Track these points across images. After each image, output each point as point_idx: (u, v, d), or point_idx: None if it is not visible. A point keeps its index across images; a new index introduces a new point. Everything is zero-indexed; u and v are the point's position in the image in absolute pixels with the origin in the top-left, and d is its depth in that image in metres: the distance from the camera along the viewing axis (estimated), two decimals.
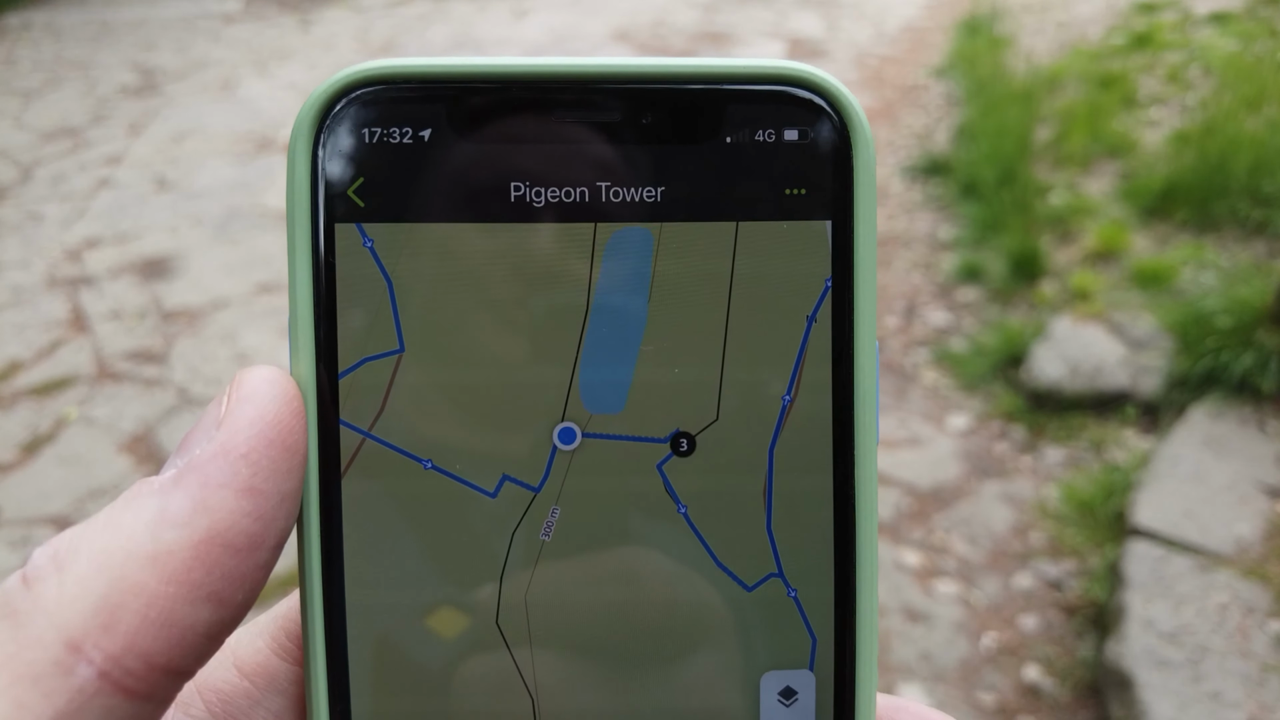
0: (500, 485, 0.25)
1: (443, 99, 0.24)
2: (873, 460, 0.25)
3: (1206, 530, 1.78)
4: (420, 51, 5.53)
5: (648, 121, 0.24)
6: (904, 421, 2.35)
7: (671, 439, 0.25)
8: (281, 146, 4.26)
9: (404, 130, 0.24)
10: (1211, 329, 2.20)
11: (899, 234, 3.24)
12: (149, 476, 0.23)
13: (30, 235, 3.60)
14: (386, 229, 0.24)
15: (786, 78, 0.24)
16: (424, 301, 0.24)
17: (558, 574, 0.25)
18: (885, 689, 1.68)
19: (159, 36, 6.25)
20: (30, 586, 0.21)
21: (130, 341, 2.89)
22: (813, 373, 0.25)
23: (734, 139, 0.24)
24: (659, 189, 0.24)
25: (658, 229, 0.24)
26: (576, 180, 0.24)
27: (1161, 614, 1.63)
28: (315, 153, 0.24)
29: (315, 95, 0.24)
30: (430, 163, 0.24)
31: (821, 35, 5.43)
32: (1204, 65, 3.75)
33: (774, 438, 0.25)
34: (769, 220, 0.25)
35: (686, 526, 0.25)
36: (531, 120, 0.24)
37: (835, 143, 0.24)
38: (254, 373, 0.23)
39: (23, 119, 4.84)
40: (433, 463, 0.24)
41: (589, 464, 0.25)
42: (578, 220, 0.24)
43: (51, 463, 2.40)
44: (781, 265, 0.25)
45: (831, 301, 0.25)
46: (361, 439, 0.24)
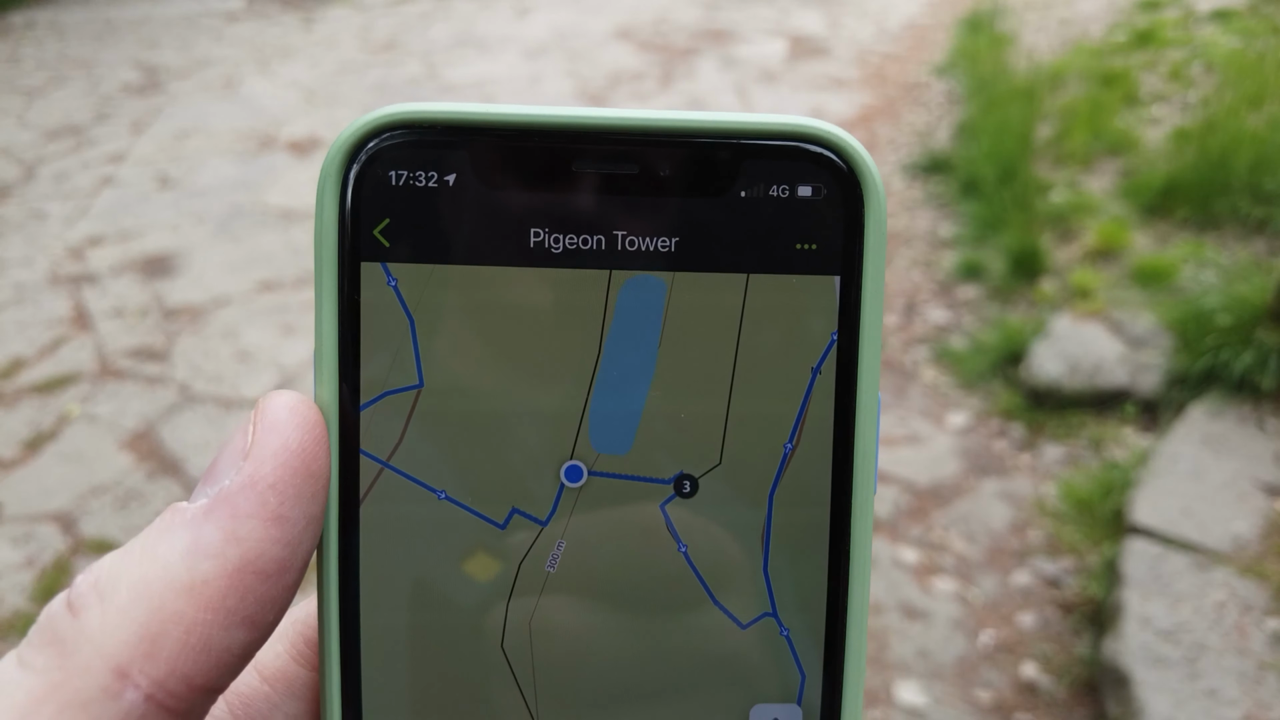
0: (509, 518, 0.26)
1: (467, 145, 0.25)
2: (869, 509, 0.26)
3: (1204, 528, 1.78)
4: (423, 50, 5.53)
5: (665, 173, 0.25)
6: (903, 419, 2.36)
7: (675, 480, 0.26)
8: (284, 145, 4.27)
9: (429, 174, 0.25)
10: (1211, 327, 2.20)
11: (899, 231, 3.24)
12: (180, 502, 0.24)
13: (33, 233, 3.61)
14: (410, 269, 0.25)
15: (803, 134, 0.25)
16: (444, 340, 0.25)
17: (561, 604, 0.26)
18: (883, 686, 1.69)
19: (162, 35, 6.26)
20: (76, 615, 0.22)
21: (132, 339, 2.90)
22: (815, 422, 0.26)
23: (748, 193, 0.25)
24: (673, 239, 0.25)
25: (670, 278, 0.25)
26: (593, 228, 0.25)
27: (1159, 612, 1.63)
28: (343, 193, 0.25)
29: (343, 137, 0.25)
30: (453, 206, 0.25)
31: (824, 33, 5.42)
32: (1206, 62, 3.74)
33: (774, 483, 0.26)
34: (779, 273, 0.25)
35: (686, 565, 0.26)
36: (552, 169, 0.25)
37: (847, 200, 0.25)
38: (277, 400, 0.24)
39: (26, 117, 4.86)
40: (446, 493, 0.25)
41: (595, 501, 0.26)
42: (593, 267, 0.25)
43: (54, 460, 2.41)
44: (789, 317, 0.25)
45: (837, 355, 0.25)
46: (380, 468, 0.25)
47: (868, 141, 3.95)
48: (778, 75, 4.81)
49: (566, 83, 4.86)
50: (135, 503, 2.25)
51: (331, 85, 5.03)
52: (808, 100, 4.42)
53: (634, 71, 4.97)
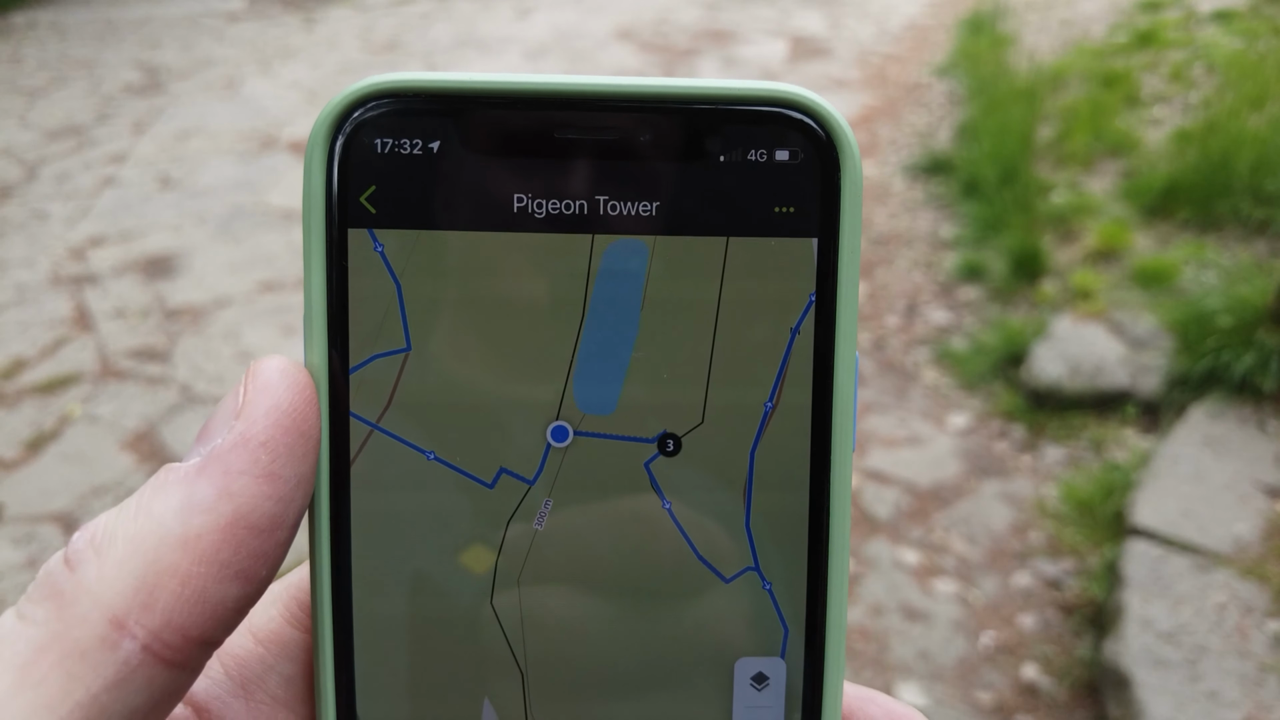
0: (498, 477, 0.26)
1: (451, 113, 0.25)
2: (848, 465, 0.26)
3: (1205, 530, 1.78)
4: (424, 50, 5.54)
5: (645, 139, 0.25)
6: (904, 420, 2.36)
7: (659, 439, 0.26)
8: (285, 145, 4.27)
9: (414, 142, 0.25)
10: (1212, 328, 2.20)
11: (900, 232, 3.24)
12: (173, 462, 0.24)
13: (35, 233, 3.61)
14: (396, 235, 0.25)
15: (779, 100, 0.25)
16: (430, 304, 0.25)
17: (549, 560, 0.26)
18: (883, 687, 1.69)
19: (163, 35, 6.26)
20: (73, 569, 0.23)
21: (133, 339, 2.90)
22: (794, 382, 0.26)
23: (727, 158, 0.25)
24: (654, 204, 0.26)
25: (652, 241, 0.26)
26: (576, 193, 0.25)
27: (1160, 613, 1.63)
28: (330, 161, 0.25)
29: (330, 106, 0.25)
30: (438, 173, 0.25)
31: (825, 33, 5.42)
32: (1207, 63, 3.74)
33: (755, 441, 0.26)
34: (758, 236, 0.26)
35: (670, 521, 0.26)
36: (535, 135, 0.25)
37: (824, 164, 0.25)
38: (268, 363, 0.25)
39: (28, 118, 4.86)
40: (435, 454, 0.26)
41: (580, 460, 0.26)
42: (576, 231, 0.26)
43: (55, 460, 2.42)
44: (768, 279, 0.26)
45: (815, 315, 0.26)
46: (370, 430, 0.26)
47: (869, 142, 3.95)
48: (779, 76, 4.81)
49: None
50: None
51: (333, 86, 5.04)
52: None
53: (635, 72, 4.97)
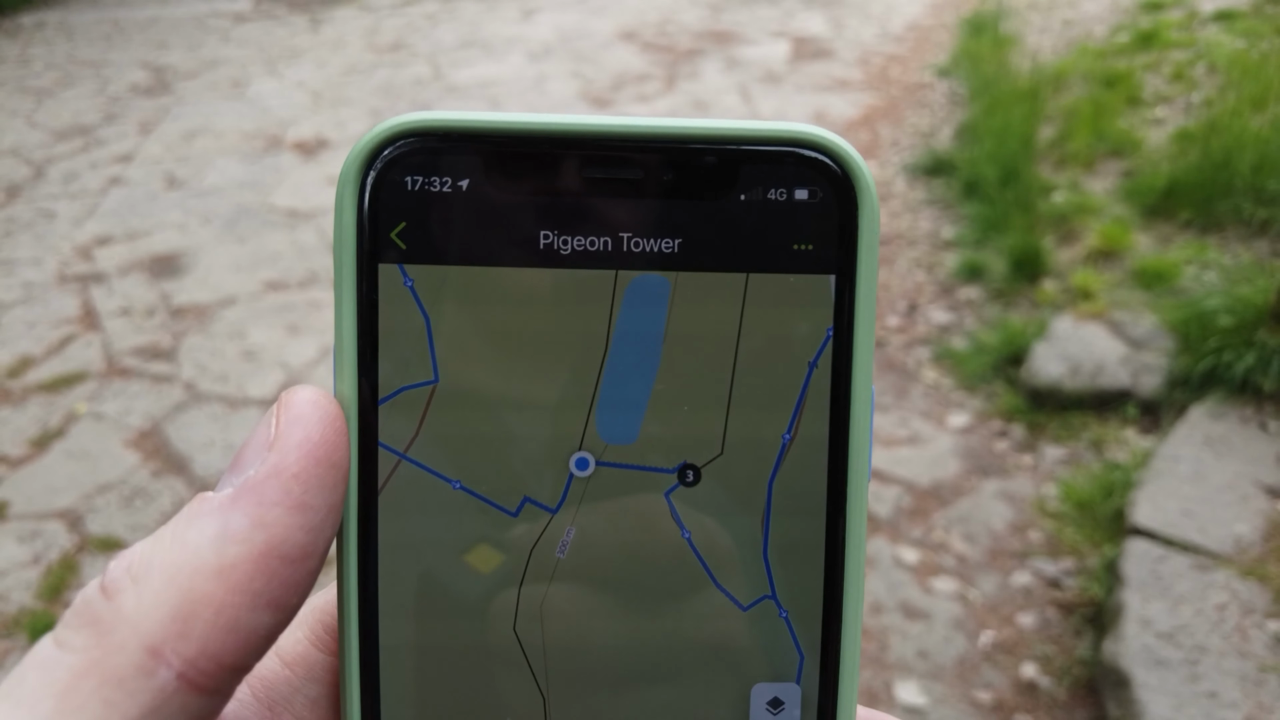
0: (521, 506, 0.27)
1: (479, 152, 0.26)
2: (863, 496, 0.27)
3: (1205, 530, 1.79)
4: (429, 51, 5.55)
5: (668, 178, 0.26)
6: (904, 419, 2.36)
7: (679, 470, 0.27)
8: (290, 145, 4.29)
9: (443, 180, 0.26)
10: (1213, 328, 2.20)
11: (902, 232, 3.24)
12: (206, 491, 0.25)
13: (42, 232, 3.63)
14: (426, 270, 0.26)
15: (799, 140, 0.26)
16: (458, 337, 0.26)
17: (571, 588, 0.27)
18: (883, 686, 1.69)
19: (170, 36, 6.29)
20: (110, 598, 0.24)
21: (139, 338, 2.92)
22: (812, 414, 0.27)
23: (748, 196, 0.26)
24: (676, 240, 0.26)
25: (674, 277, 0.26)
26: (601, 230, 0.26)
27: (1160, 613, 1.63)
28: (361, 198, 0.26)
29: (361, 144, 0.26)
30: (467, 210, 0.26)
31: (827, 34, 5.43)
32: (1209, 64, 3.73)
33: (773, 472, 0.27)
34: (777, 272, 0.27)
35: (689, 550, 0.27)
36: (561, 174, 0.26)
37: (842, 203, 0.26)
38: (300, 395, 0.25)
39: (35, 118, 4.88)
40: (461, 483, 0.27)
41: (602, 490, 0.27)
42: (600, 267, 0.26)
43: (61, 458, 2.43)
44: (787, 314, 0.27)
45: (832, 350, 0.27)
46: (398, 460, 0.26)
47: (870, 142, 3.96)
48: (781, 76, 4.81)
49: (571, 84, 4.87)
50: (141, 501, 2.27)
51: (338, 86, 5.05)
52: (811, 101, 4.43)
53: (638, 73, 4.98)
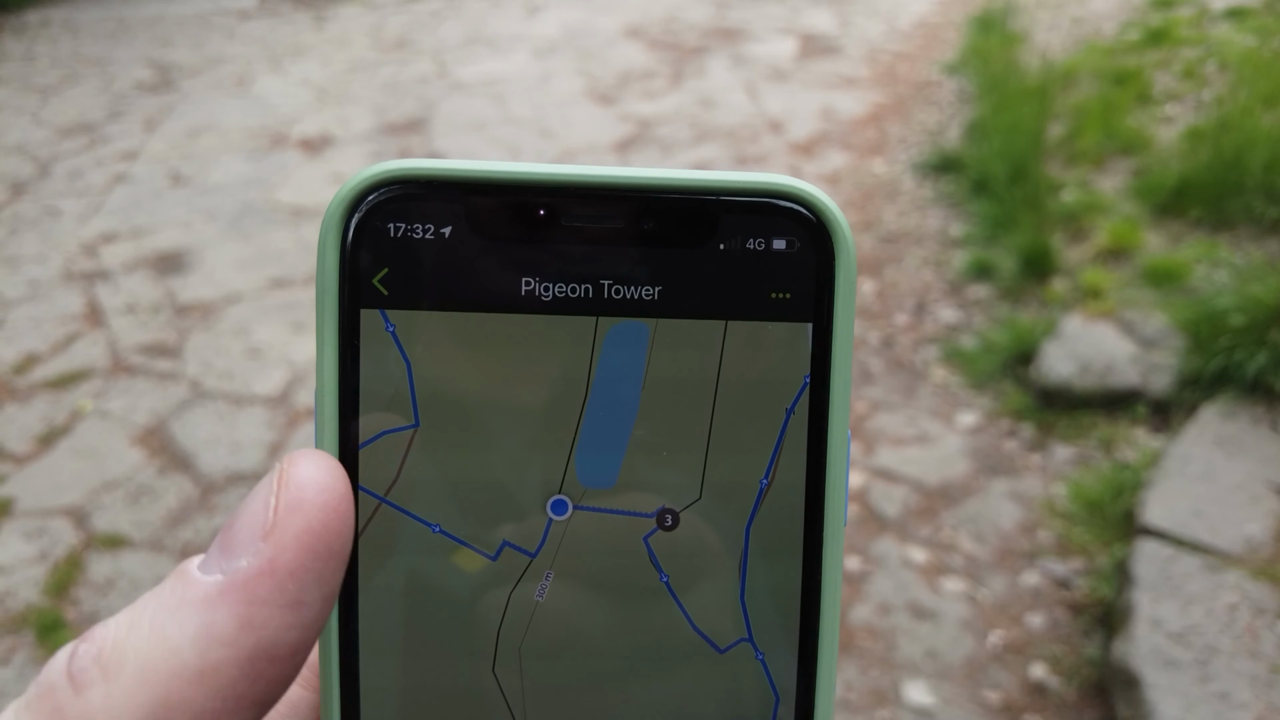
0: (500, 550, 0.27)
1: (462, 200, 0.26)
2: (839, 541, 0.27)
3: (1216, 530, 1.77)
4: (434, 48, 5.55)
5: (649, 227, 0.26)
6: (913, 419, 2.35)
7: (658, 514, 0.27)
8: (295, 142, 4.29)
9: (426, 227, 0.26)
10: (1224, 327, 2.18)
11: (910, 231, 3.23)
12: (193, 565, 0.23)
13: (47, 230, 3.64)
14: (407, 316, 0.26)
15: (777, 191, 0.26)
16: (439, 382, 0.26)
17: (549, 631, 0.27)
18: (891, 686, 1.68)
19: (175, 33, 6.29)
20: (79, 691, 0.21)
21: (144, 335, 2.92)
22: (789, 460, 0.27)
23: (727, 245, 0.26)
24: (656, 288, 0.27)
25: (654, 324, 0.27)
26: (581, 277, 0.26)
27: (1170, 614, 1.62)
28: (344, 244, 0.26)
29: (344, 191, 0.26)
30: (449, 257, 0.26)
31: (834, 31, 5.41)
32: (1220, 61, 3.71)
33: (751, 517, 0.27)
34: (755, 320, 0.27)
35: (667, 594, 0.27)
36: (543, 222, 0.26)
37: (819, 253, 0.27)
38: (301, 471, 0.23)
39: (41, 115, 4.89)
40: (440, 527, 0.27)
41: (581, 534, 0.27)
42: (581, 314, 0.27)
43: (66, 455, 2.43)
44: (765, 361, 0.27)
45: (809, 396, 0.27)
46: (378, 504, 0.26)
47: (878, 140, 3.94)
48: (788, 74, 4.80)
49: (577, 81, 4.86)
50: (147, 498, 2.27)
51: (343, 83, 5.05)
52: (818, 99, 4.41)
53: (644, 70, 4.97)
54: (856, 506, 2.10)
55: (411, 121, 4.45)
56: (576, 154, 3.98)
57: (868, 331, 2.71)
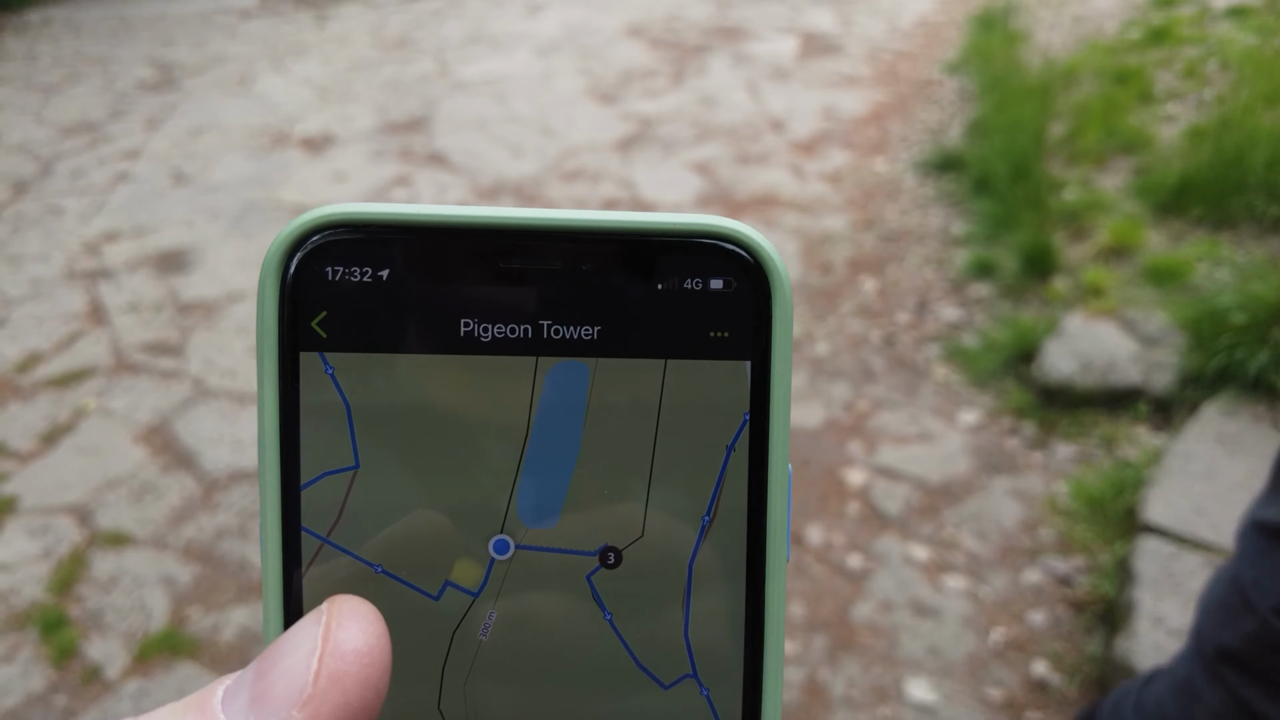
0: (443, 590, 0.27)
1: (400, 243, 0.26)
2: (781, 575, 0.28)
3: (1218, 528, 1.77)
4: (436, 47, 5.55)
5: (588, 268, 0.27)
6: (914, 417, 2.35)
7: (600, 552, 0.27)
8: (297, 141, 4.29)
9: (364, 270, 0.26)
10: (1226, 326, 2.18)
11: (911, 229, 3.23)
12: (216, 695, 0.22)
13: (50, 228, 3.64)
14: (346, 358, 0.26)
15: (714, 233, 0.27)
16: (379, 423, 0.27)
17: (493, 670, 0.27)
18: (893, 683, 1.69)
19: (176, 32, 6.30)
20: None
21: (147, 333, 2.92)
22: (730, 496, 0.27)
23: (665, 285, 0.27)
24: (596, 328, 0.27)
25: (594, 363, 0.27)
26: (521, 318, 0.27)
27: (1172, 611, 1.62)
28: (283, 287, 0.26)
29: (283, 235, 0.26)
30: (388, 299, 0.26)
31: (835, 30, 5.41)
32: (1222, 60, 3.71)
33: (693, 553, 0.27)
34: (694, 359, 0.27)
35: (611, 631, 0.28)
36: (481, 264, 0.27)
37: (755, 292, 0.27)
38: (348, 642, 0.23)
39: (43, 114, 4.90)
40: (383, 567, 0.27)
41: (524, 573, 0.27)
42: (520, 354, 0.27)
43: (70, 453, 2.44)
44: (705, 399, 0.27)
45: (749, 433, 0.27)
46: (320, 544, 0.27)
47: (880, 138, 3.94)
48: (789, 72, 4.80)
49: (578, 80, 4.86)
50: (150, 496, 2.28)
51: (344, 82, 5.05)
52: (819, 98, 4.41)
53: (645, 69, 4.97)
54: (859, 505, 2.10)
55: (413, 120, 4.45)
56: (578, 152, 3.98)
57: (869, 330, 2.71)
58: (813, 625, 1.83)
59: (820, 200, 3.49)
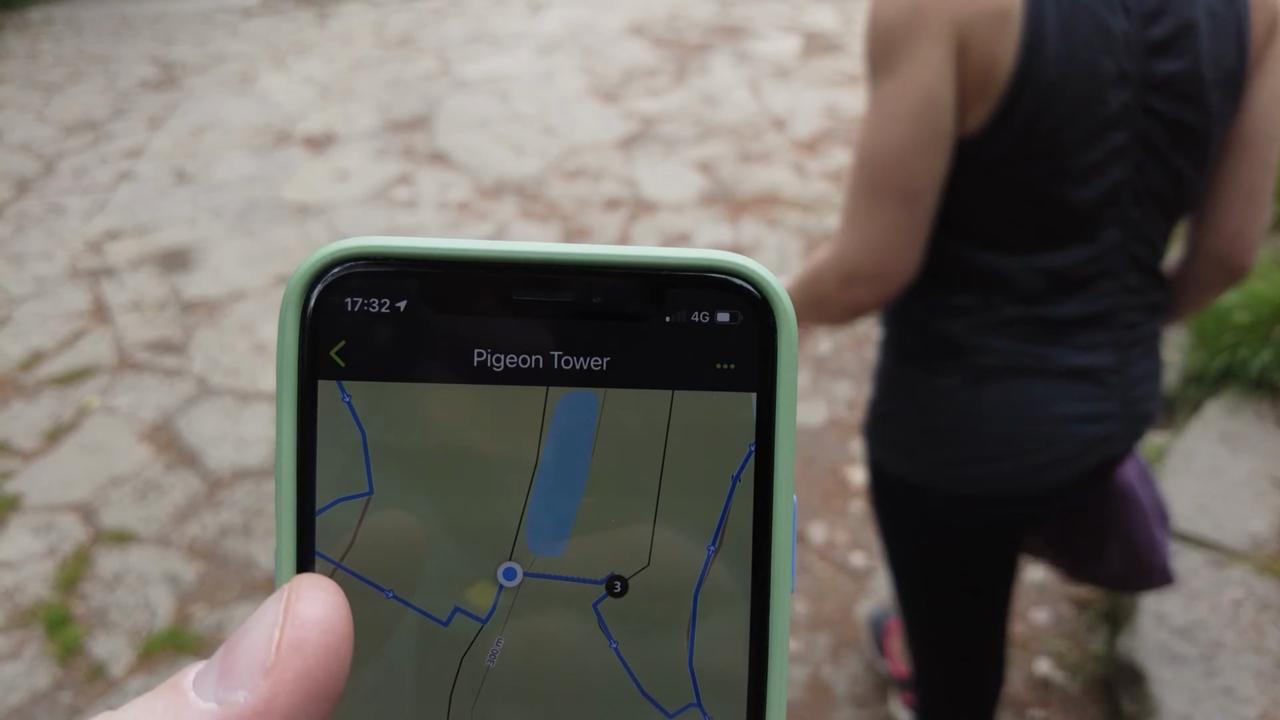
0: (452, 616, 0.28)
1: (418, 275, 0.27)
2: (786, 604, 0.28)
3: (1221, 526, 1.78)
4: (437, 45, 5.55)
5: (598, 301, 0.27)
6: None
7: (607, 581, 0.28)
8: (299, 140, 4.30)
9: (382, 301, 0.27)
10: (1229, 324, 2.18)
11: None
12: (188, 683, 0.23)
13: (53, 227, 3.65)
14: (363, 386, 0.27)
15: (721, 267, 0.28)
16: (393, 451, 0.27)
17: (500, 696, 0.28)
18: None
19: (178, 31, 6.30)
20: None
21: (150, 332, 2.92)
22: (735, 526, 0.28)
23: (673, 318, 0.27)
24: (605, 359, 0.27)
25: (603, 394, 0.27)
26: (532, 349, 0.27)
27: (1175, 609, 1.63)
28: (303, 318, 0.27)
29: (305, 266, 0.27)
30: (404, 330, 0.27)
31: (837, 29, 5.41)
32: None
33: (699, 583, 0.28)
34: (701, 390, 0.28)
35: (616, 659, 0.28)
36: (496, 296, 0.27)
37: (761, 326, 0.28)
38: (308, 613, 0.24)
39: (45, 113, 4.90)
40: (394, 593, 0.27)
41: (531, 600, 0.28)
42: (531, 384, 0.27)
43: (73, 451, 2.44)
44: (711, 430, 0.28)
45: (755, 464, 0.28)
46: (334, 568, 0.27)
47: None
48: (791, 71, 4.80)
49: (580, 79, 4.86)
50: (154, 494, 2.28)
51: (346, 81, 5.06)
52: (821, 96, 4.41)
53: (647, 67, 4.97)
54: (862, 503, 2.10)
55: (415, 119, 4.46)
56: (580, 151, 3.98)
57: (872, 328, 2.71)
58: (816, 623, 1.83)
59: (822, 199, 3.49)
